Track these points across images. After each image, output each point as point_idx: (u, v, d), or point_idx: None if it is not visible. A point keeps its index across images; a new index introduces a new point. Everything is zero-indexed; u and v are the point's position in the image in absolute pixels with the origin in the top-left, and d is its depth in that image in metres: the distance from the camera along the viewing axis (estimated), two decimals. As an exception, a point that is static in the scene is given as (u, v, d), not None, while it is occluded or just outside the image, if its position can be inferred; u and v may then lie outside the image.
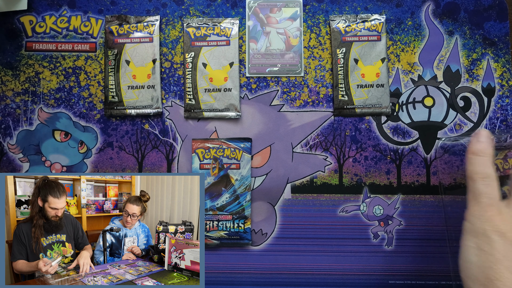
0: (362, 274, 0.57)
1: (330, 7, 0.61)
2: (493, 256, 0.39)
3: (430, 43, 0.60)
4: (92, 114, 0.59)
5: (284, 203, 0.58)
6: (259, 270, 0.57)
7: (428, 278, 0.57)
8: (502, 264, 0.38)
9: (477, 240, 0.40)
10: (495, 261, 0.38)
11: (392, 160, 0.59)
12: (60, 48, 0.60)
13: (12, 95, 0.59)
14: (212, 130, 0.59)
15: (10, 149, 0.58)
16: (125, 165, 0.59)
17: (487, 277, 0.38)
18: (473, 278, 0.39)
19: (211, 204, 0.57)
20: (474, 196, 0.42)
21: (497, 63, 0.60)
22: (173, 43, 0.60)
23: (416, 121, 0.59)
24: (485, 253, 0.39)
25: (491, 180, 0.42)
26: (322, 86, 0.60)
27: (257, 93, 0.60)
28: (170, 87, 0.60)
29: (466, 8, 0.60)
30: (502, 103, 0.59)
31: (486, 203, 0.41)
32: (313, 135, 0.59)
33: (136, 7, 0.60)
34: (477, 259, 0.39)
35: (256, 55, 0.60)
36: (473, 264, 0.40)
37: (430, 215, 0.58)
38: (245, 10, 0.61)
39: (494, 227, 0.39)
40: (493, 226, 0.40)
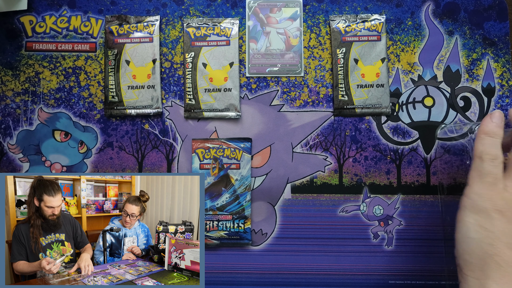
0: (362, 274, 0.57)
1: (330, 7, 0.61)
2: (493, 233, 0.40)
3: (430, 43, 0.60)
4: (92, 114, 0.59)
5: (284, 203, 0.58)
6: (259, 270, 0.57)
7: (428, 278, 0.57)
8: (501, 241, 0.40)
9: (477, 217, 0.41)
10: (495, 238, 0.40)
11: (392, 160, 0.59)
12: (60, 48, 0.60)
13: (12, 95, 0.59)
14: (212, 130, 0.59)
15: (10, 149, 0.58)
16: (125, 165, 0.59)
17: (486, 253, 0.40)
18: (471, 252, 0.41)
19: (211, 204, 0.57)
20: (480, 175, 0.43)
21: (497, 63, 0.60)
22: (173, 43, 0.60)
23: (416, 121, 0.59)
24: (485, 230, 0.40)
25: (499, 162, 0.42)
26: (322, 86, 0.60)
27: (257, 93, 0.60)
28: (170, 87, 0.60)
29: (466, 8, 0.60)
30: (502, 103, 0.59)
31: (490, 182, 0.42)
32: (313, 135, 0.59)
33: (136, 7, 0.60)
34: (477, 235, 0.41)
35: (256, 55, 0.60)
36: (473, 240, 0.41)
37: (430, 215, 0.58)
38: (245, 10, 0.61)
39: (495, 206, 0.41)
40: (493, 205, 0.41)
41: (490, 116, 0.45)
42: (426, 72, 0.60)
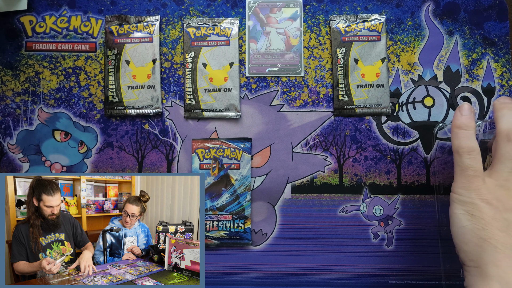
0: (362, 274, 0.57)
1: (330, 7, 0.61)
2: (484, 219, 0.41)
3: (430, 43, 0.60)
4: (92, 114, 0.59)
5: (284, 203, 0.58)
6: (259, 270, 0.57)
7: (428, 278, 0.57)
8: (492, 225, 0.41)
9: (466, 208, 0.43)
10: (486, 223, 0.41)
11: (392, 160, 0.59)
12: (60, 48, 0.60)
13: (12, 95, 0.59)
14: (212, 130, 0.59)
15: (10, 149, 0.58)
16: (125, 165, 0.59)
17: (481, 238, 0.41)
18: (467, 241, 0.42)
19: (211, 204, 0.57)
20: (461, 169, 0.44)
21: (497, 63, 0.60)
22: (173, 43, 0.60)
23: (416, 121, 0.59)
24: (475, 217, 0.42)
25: (476, 154, 0.44)
26: (322, 86, 0.60)
27: (257, 93, 0.60)
28: (170, 87, 0.60)
29: (466, 8, 0.60)
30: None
31: (472, 175, 0.43)
32: (313, 135, 0.59)
33: (136, 7, 0.60)
34: (469, 223, 0.42)
35: (256, 55, 0.60)
36: (466, 228, 0.42)
37: (430, 215, 0.58)
38: (245, 10, 0.61)
39: (480, 195, 0.42)
40: (479, 195, 0.42)
41: (459, 110, 0.46)
42: (426, 72, 0.60)
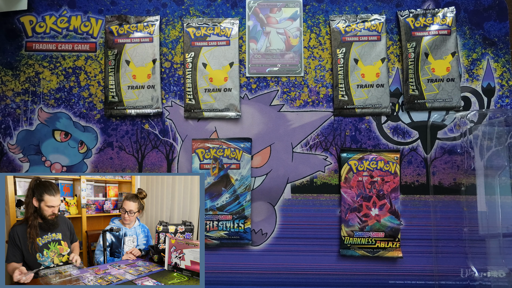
0: (362, 274, 0.57)
1: (330, 7, 0.61)
2: None
3: (430, 43, 0.60)
4: (92, 114, 0.59)
5: (284, 203, 0.58)
6: (259, 270, 0.57)
7: (428, 278, 0.57)
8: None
9: None
10: None
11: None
12: (60, 48, 0.60)
13: (12, 95, 0.59)
14: (212, 130, 0.59)
15: (10, 149, 0.58)
16: (125, 165, 0.59)
17: None
18: None
19: (211, 204, 0.57)
20: None
21: (497, 63, 0.60)
22: (173, 43, 0.60)
23: (416, 121, 0.59)
24: None
25: None
26: (322, 86, 0.60)
27: (257, 93, 0.60)
28: (170, 87, 0.60)
29: (466, 8, 0.60)
30: (502, 103, 0.59)
31: None
32: (313, 135, 0.59)
33: (136, 7, 0.61)
34: None
35: (256, 55, 0.60)
36: None
37: (430, 215, 0.58)
38: (245, 10, 0.61)
39: None
40: None
41: None
42: (426, 72, 0.60)
